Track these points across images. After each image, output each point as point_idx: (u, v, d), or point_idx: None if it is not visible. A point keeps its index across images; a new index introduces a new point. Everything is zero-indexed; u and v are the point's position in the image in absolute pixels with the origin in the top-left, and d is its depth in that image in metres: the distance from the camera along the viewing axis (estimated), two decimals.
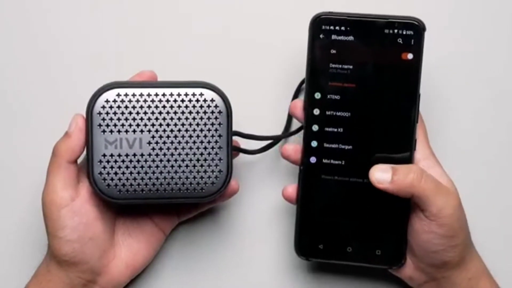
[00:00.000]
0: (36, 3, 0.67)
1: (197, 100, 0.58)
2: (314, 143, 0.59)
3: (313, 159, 0.59)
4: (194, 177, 0.58)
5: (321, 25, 0.58)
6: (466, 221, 0.58)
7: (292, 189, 0.60)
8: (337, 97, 0.58)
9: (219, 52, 0.66)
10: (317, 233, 0.60)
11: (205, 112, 0.58)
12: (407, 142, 0.58)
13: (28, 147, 0.66)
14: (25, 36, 0.67)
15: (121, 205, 0.60)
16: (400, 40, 0.58)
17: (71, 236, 0.57)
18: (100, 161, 0.57)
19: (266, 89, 0.65)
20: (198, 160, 0.58)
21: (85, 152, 0.58)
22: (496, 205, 0.66)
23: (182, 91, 0.58)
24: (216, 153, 0.58)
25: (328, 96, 0.59)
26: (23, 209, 0.65)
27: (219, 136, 0.58)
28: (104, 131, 0.57)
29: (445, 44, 0.65)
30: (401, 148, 0.58)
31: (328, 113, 0.59)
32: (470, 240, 0.59)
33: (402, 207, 0.58)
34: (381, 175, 0.56)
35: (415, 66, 0.58)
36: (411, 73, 0.58)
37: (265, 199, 0.65)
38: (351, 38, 0.58)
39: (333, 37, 0.58)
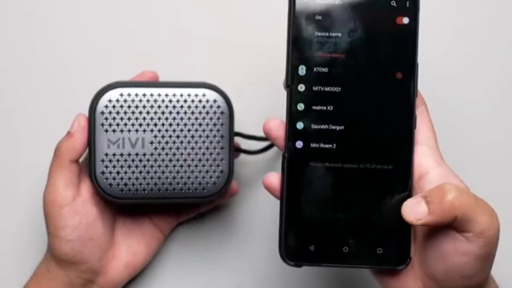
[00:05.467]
0: (35, 3, 0.67)
1: (200, 101, 0.58)
2: (300, 125, 0.52)
3: (299, 144, 0.52)
4: (196, 177, 0.58)
5: None
6: None
7: (275, 178, 0.52)
8: (325, 69, 0.52)
9: (220, 53, 0.66)
10: (307, 232, 0.52)
11: (207, 113, 0.58)
12: (407, 117, 0.52)
13: (29, 147, 0.66)
14: (25, 36, 0.67)
15: (122, 205, 0.61)
16: (393, 3, 0.52)
17: (72, 235, 0.57)
18: (103, 161, 0.57)
19: (266, 90, 0.66)
20: (200, 160, 0.58)
21: (86, 151, 0.58)
22: (496, 206, 0.66)
23: (185, 91, 0.58)
24: (218, 154, 0.58)
25: (315, 69, 0.52)
26: (24, 209, 0.65)
27: (221, 136, 0.58)
28: (106, 131, 0.57)
29: (446, 44, 0.66)
30: (400, 124, 0.52)
31: (315, 88, 0.52)
32: None
33: (404, 196, 0.51)
34: (416, 211, 0.48)
35: (412, 32, 0.52)
36: (408, 40, 0.52)
37: (265, 199, 0.65)
38: (338, 1, 0.52)
39: (318, 0, 0.52)
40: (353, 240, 0.52)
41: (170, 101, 0.58)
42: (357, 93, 0.52)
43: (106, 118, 0.57)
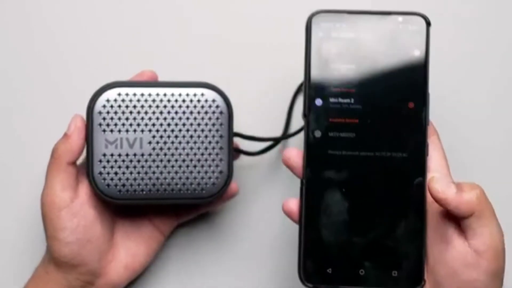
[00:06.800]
0: (36, 3, 0.67)
1: (198, 100, 0.58)
2: (317, 152, 0.55)
3: (316, 170, 0.54)
4: (195, 178, 0.58)
5: (319, 23, 0.54)
6: None
7: (294, 204, 0.55)
8: (340, 100, 0.54)
9: (220, 53, 0.66)
10: (325, 256, 0.54)
11: (206, 113, 0.58)
12: (419, 145, 0.54)
13: (29, 147, 0.66)
14: (25, 36, 0.67)
15: (121, 206, 0.60)
16: (405, 36, 0.54)
17: (70, 238, 0.57)
18: (100, 161, 0.57)
19: (266, 90, 0.65)
20: (198, 160, 0.58)
21: (84, 152, 0.58)
22: (496, 206, 0.65)
23: (184, 91, 0.58)
24: (217, 154, 0.58)
25: (331, 100, 0.54)
26: (24, 209, 0.65)
27: (220, 136, 0.58)
28: (104, 131, 0.57)
29: (444, 44, 0.66)
30: (413, 152, 0.54)
31: (331, 119, 0.54)
32: None
33: (418, 219, 0.54)
34: (443, 186, 0.51)
35: (423, 63, 0.54)
36: (419, 71, 0.54)
37: (265, 200, 0.65)
38: (352, 36, 0.54)
39: (333, 35, 0.54)
40: (369, 263, 0.54)
41: (169, 100, 0.57)
42: (371, 123, 0.54)
43: (104, 118, 0.57)
